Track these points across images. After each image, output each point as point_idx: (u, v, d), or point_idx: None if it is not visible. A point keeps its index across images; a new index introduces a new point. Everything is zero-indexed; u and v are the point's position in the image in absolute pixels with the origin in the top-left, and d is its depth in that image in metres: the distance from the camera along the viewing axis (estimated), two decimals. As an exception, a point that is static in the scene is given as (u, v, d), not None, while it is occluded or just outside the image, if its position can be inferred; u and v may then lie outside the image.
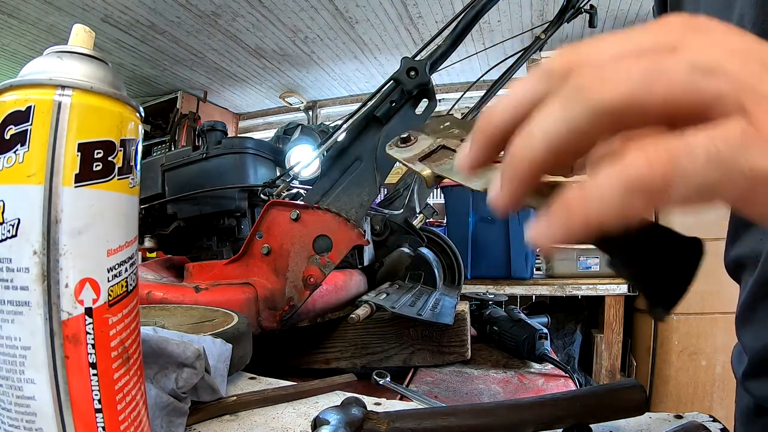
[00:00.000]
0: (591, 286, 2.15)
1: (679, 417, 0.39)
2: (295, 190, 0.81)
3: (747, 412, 0.44)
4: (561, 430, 0.35)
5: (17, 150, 0.23)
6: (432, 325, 0.69)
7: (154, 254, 1.68)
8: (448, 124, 0.30)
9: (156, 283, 0.67)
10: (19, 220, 0.23)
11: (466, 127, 0.29)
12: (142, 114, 0.28)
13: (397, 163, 0.31)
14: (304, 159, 0.80)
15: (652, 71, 0.17)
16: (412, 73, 0.68)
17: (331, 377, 0.51)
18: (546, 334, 0.72)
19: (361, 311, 0.64)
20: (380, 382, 0.59)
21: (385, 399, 0.47)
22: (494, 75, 1.11)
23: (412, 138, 0.29)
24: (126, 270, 0.26)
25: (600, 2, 2.39)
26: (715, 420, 0.38)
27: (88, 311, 0.24)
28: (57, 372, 0.23)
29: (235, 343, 0.47)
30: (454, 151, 0.28)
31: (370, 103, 0.69)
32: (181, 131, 3.62)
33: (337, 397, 0.47)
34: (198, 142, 0.97)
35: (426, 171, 0.27)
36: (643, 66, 0.17)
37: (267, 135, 3.92)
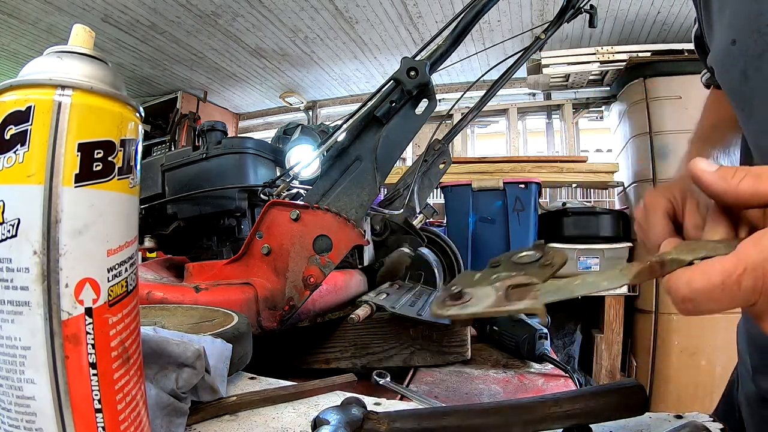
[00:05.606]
0: (591, 286, 2.15)
1: (679, 417, 0.39)
2: (295, 190, 0.81)
3: (755, 399, 0.44)
4: (561, 430, 0.35)
5: (17, 150, 0.23)
6: (432, 325, 0.69)
7: (154, 254, 1.67)
8: (498, 270, 0.28)
9: (156, 283, 0.67)
10: (19, 220, 0.23)
11: (517, 269, 0.27)
12: (142, 114, 0.28)
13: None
14: (304, 159, 0.80)
15: None
16: (412, 73, 0.67)
17: (331, 377, 0.51)
18: (546, 334, 0.72)
19: (361, 311, 0.64)
20: (380, 382, 0.59)
21: (385, 399, 0.47)
22: (494, 75, 1.11)
23: (464, 292, 0.26)
24: (126, 270, 0.26)
25: (600, 2, 2.39)
26: (715, 420, 0.38)
27: (88, 311, 0.24)
28: (57, 372, 0.23)
29: (235, 343, 0.47)
30: (528, 285, 0.25)
31: (370, 103, 0.69)
32: (181, 131, 3.61)
33: (337, 397, 0.47)
34: (198, 142, 0.97)
35: (535, 305, 0.24)
36: None
37: (267, 135, 3.92)
